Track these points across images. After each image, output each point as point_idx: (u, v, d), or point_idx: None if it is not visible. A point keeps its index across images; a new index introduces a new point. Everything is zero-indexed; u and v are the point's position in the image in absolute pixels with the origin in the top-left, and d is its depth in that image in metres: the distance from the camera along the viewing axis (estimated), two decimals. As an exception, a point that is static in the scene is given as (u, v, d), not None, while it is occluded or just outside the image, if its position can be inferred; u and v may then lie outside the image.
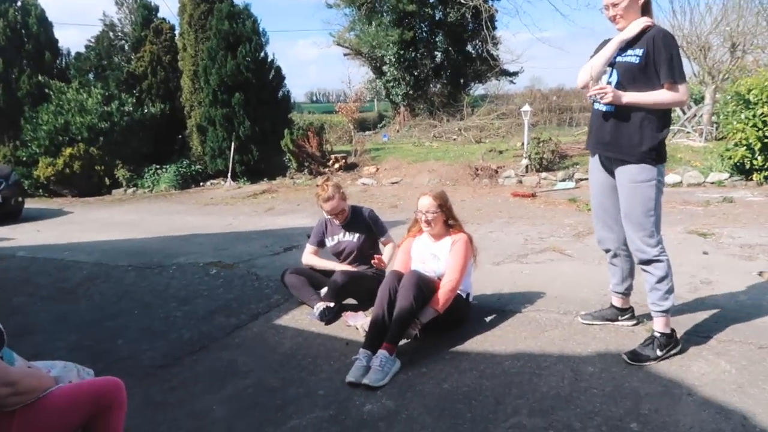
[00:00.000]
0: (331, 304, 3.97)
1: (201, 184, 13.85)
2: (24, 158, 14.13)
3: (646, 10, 2.99)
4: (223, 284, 5.01)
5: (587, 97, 3.18)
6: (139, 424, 2.70)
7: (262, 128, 13.47)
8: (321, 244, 4.41)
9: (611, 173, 3.15)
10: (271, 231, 7.50)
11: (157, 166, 14.00)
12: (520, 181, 10.65)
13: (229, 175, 13.33)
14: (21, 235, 8.27)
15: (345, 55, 23.71)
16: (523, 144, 12.12)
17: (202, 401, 2.97)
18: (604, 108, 3.02)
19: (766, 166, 9.00)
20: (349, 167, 13.34)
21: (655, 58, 2.86)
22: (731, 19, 13.82)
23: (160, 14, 16.92)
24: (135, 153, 14.13)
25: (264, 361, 3.41)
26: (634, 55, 2.91)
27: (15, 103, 14.78)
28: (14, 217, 10.05)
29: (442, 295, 3.40)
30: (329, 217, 4.31)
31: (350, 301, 4.23)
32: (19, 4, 15.84)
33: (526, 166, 11.03)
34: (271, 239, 6.87)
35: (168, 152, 14.82)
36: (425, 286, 3.35)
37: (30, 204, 11.39)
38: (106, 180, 13.92)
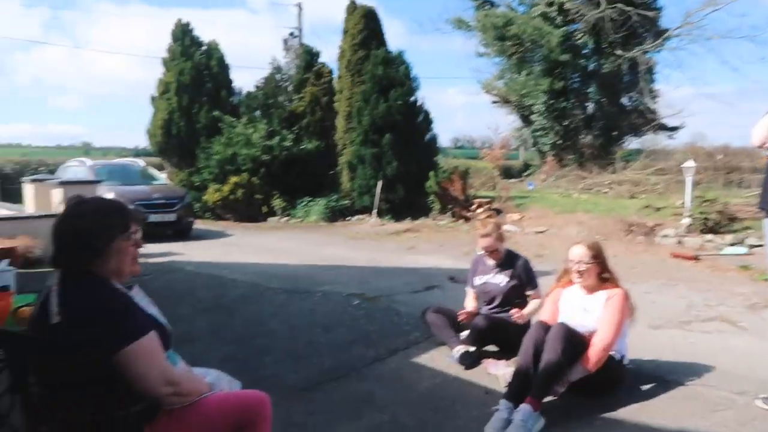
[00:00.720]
0: (472, 349, 3.86)
1: (347, 218, 14.43)
2: (197, 183, 15.75)
3: None
4: (364, 316, 5.10)
5: (763, 154, 2.92)
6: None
7: (408, 169, 13.80)
8: (473, 284, 4.31)
9: None
10: (413, 269, 7.57)
11: (309, 198, 14.87)
12: (680, 242, 9.75)
13: (375, 211, 13.76)
14: (189, 251, 9.16)
15: (493, 102, 23.80)
16: (683, 202, 11.16)
17: (339, 430, 3.00)
18: None
19: None
20: (494, 213, 13.14)
21: None
22: None
23: (321, 59, 18.19)
24: (290, 185, 15.15)
25: (400, 397, 3.38)
26: None
27: (194, 134, 16.68)
28: (184, 235, 11.21)
29: (595, 353, 3.15)
30: (483, 253, 4.22)
31: (491, 347, 4.08)
32: (204, 48, 17.99)
33: (688, 226, 10.09)
34: (413, 277, 6.93)
35: (319, 186, 15.70)
36: (574, 341, 3.13)
37: (198, 225, 12.62)
38: (264, 208, 15.04)
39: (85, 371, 1.74)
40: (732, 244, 9.27)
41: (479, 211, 13.03)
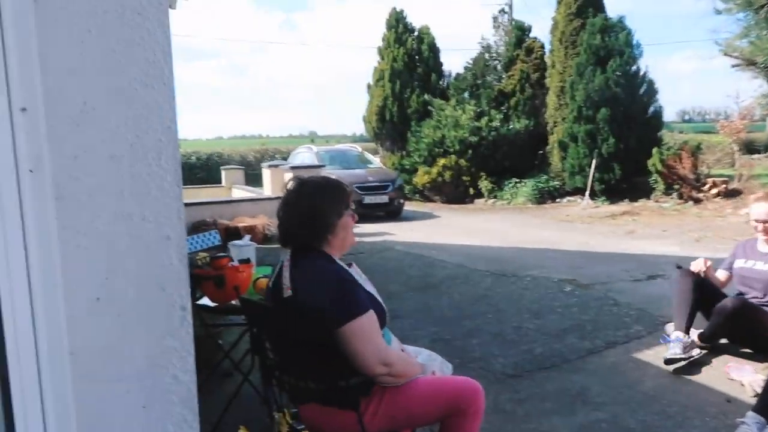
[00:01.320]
0: (687, 339, 3.32)
1: (557, 200, 13.77)
2: (407, 166, 16.35)
3: None
4: (577, 303, 4.78)
5: None
6: (486, 429, 2.70)
7: (626, 146, 12.64)
8: (731, 266, 3.66)
9: None
10: (632, 255, 6.90)
11: (517, 180, 14.50)
12: None
13: (588, 192, 12.90)
14: (399, 232, 9.56)
15: (733, 66, 20.50)
16: None
17: (550, 422, 2.83)
18: None
19: None
20: (730, 194, 11.43)
21: None
22: None
23: (533, 34, 17.43)
24: (498, 166, 14.92)
25: (620, 396, 3.07)
26: None
27: (405, 118, 17.32)
28: (395, 216, 11.74)
29: None
30: (754, 238, 3.56)
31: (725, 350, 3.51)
32: (415, 33, 18.47)
33: None
34: (632, 264, 6.31)
35: (528, 167, 15.21)
36: None
37: (408, 206, 13.11)
38: (471, 190, 15.06)
39: (311, 342, 1.85)
40: None
41: (713, 191, 11.44)
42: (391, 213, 11.86)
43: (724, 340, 3.59)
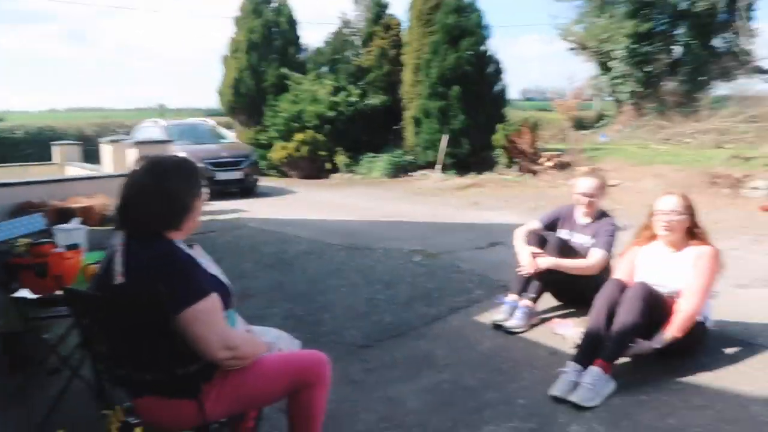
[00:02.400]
0: (520, 303, 3.62)
1: (410, 173, 14.24)
2: (263, 141, 15.93)
3: None
4: (425, 273, 4.99)
5: None
6: (336, 400, 2.71)
7: (475, 122, 13.37)
8: (551, 227, 3.91)
9: None
10: (476, 225, 7.36)
11: (373, 155, 14.76)
12: (772, 195, 8.99)
13: (438, 166, 13.50)
14: (254, 208, 9.32)
15: (569, 50, 22.51)
16: (778, 151, 10.24)
17: (398, 388, 2.93)
18: None
19: None
20: (562, 166, 12.58)
21: None
22: None
23: (391, 10, 17.74)
24: (355, 141, 15.07)
25: (462, 357, 3.27)
26: None
27: (261, 92, 16.80)
28: (250, 192, 11.44)
29: (683, 320, 2.88)
30: (576, 205, 3.83)
31: (556, 307, 3.88)
32: (274, 5, 17.89)
33: (782, 178, 9.26)
34: (476, 233, 6.73)
35: (383, 142, 15.55)
36: (655, 303, 2.89)
37: (263, 182, 12.80)
38: (327, 164, 15.08)
39: (146, 330, 1.74)
40: (833, 196, 8.45)
41: (547, 164, 12.53)
42: (245, 189, 11.53)
43: (554, 302, 3.96)
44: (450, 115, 13.44)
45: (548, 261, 3.59)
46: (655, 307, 2.88)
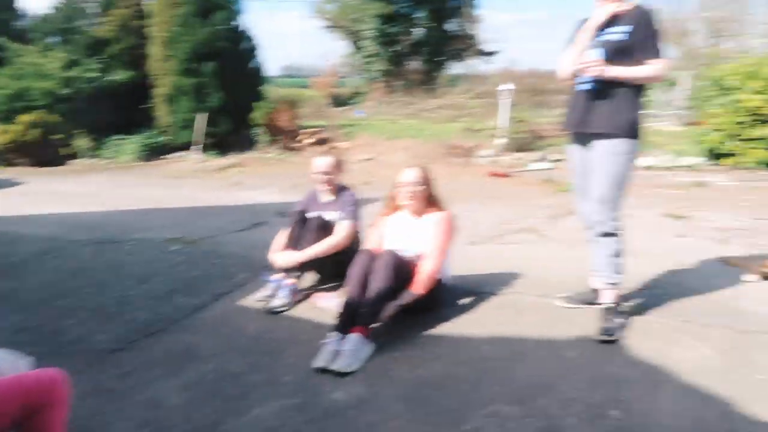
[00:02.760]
0: (284, 282, 3.71)
1: (166, 155, 13.36)
2: (-22, 126, 13.41)
3: None
4: (184, 261, 4.74)
5: (573, 78, 3.20)
6: (86, 415, 2.46)
7: (233, 100, 13.02)
8: (303, 218, 4.05)
9: (589, 149, 3.21)
10: (239, 206, 7.22)
11: (121, 136, 13.44)
12: (496, 161, 10.52)
13: (197, 147, 12.88)
14: (-30, 206, 7.81)
15: (324, 27, 23.17)
16: (499, 124, 11.97)
17: (158, 388, 2.74)
18: (589, 86, 3.08)
19: (739, 152, 9.03)
20: (322, 143, 13.02)
21: (641, 34, 2.96)
22: (712, 6, 13.85)
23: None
24: (99, 122, 13.52)
25: (227, 344, 3.19)
26: (621, 32, 2.99)
27: (-32, 65, 14.02)
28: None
29: (425, 279, 3.23)
30: (317, 188, 4.05)
31: (315, 279, 4.01)
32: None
33: (502, 146, 10.88)
34: (239, 215, 6.60)
35: (133, 122, 14.25)
36: (402, 267, 3.18)
37: (-18, 173, 10.82)
38: (65, 149, 13.31)
39: None
40: (539, 160, 10.20)
41: (306, 141, 12.84)
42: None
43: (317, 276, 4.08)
44: (206, 92, 12.88)
45: (300, 256, 3.72)
46: (402, 271, 3.17)
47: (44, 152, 12.98)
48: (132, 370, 2.94)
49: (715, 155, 9.42)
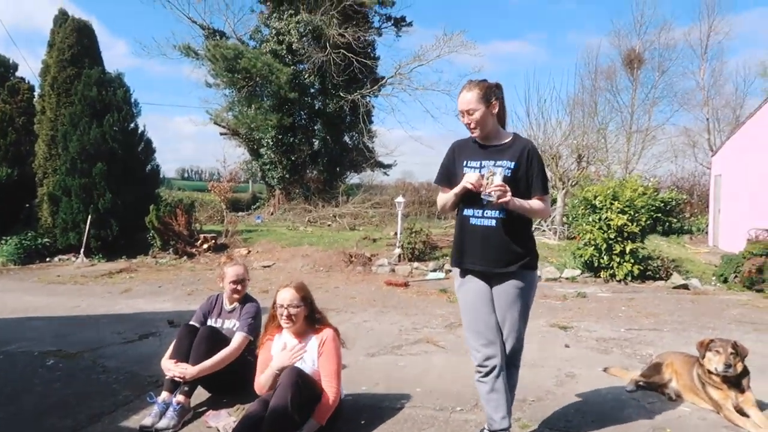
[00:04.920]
0: (174, 401, 3.50)
1: (48, 259, 12.42)
2: None
3: (501, 118, 3.01)
4: (61, 377, 4.33)
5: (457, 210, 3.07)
6: None
7: (124, 202, 12.56)
8: (203, 323, 3.98)
9: (489, 285, 2.99)
10: (126, 315, 6.78)
11: (-4, 237, 12.42)
12: (393, 270, 10.78)
13: (82, 250, 12.13)
14: None
15: (222, 134, 23.47)
16: (396, 233, 12.42)
17: None
18: (492, 222, 2.89)
19: (611, 265, 9.93)
20: (219, 248, 12.76)
21: (528, 170, 2.92)
22: (577, 134, 15.69)
23: (20, 73, 15.69)
24: (-30, 221, 12.49)
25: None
26: (506, 167, 2.88)
27: None
28: None
29: (327, 408, 3.16)
30: (225, 293, 4.00)
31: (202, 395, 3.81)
32: None
33: (399, 255, 11.23)
34: (126, 325, 6.19)
35: (11, 222, 13.27)
36: (306, 385, 3.09)
37: None
38: (-73, 250, 12.05)
39: None
40: (434, 270, 10.58)
41: (204, 246, 12.53)
42: None
43: (206, 393, 3.87)
44: (95, 193, 12.36)
45: (191, 371, 3.56)
46: (306, 390, 3.08)
47: None
48: None
49: (592, 268, 10.28)
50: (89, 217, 12.18)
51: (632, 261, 9.83)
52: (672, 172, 23.03)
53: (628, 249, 9.76)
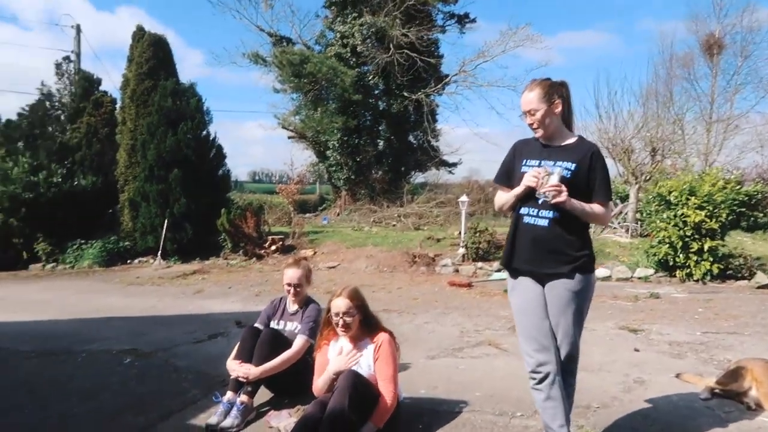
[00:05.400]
0: (238, 400, 3.61)
1: (129, 261, 13.18)
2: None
3: (566, 118, 2.94)
4: (136, 375, 4.58)
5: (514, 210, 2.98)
6: None
7: (198, 206, 13.13)
8: (267, 324, 4.10)
9: (542, 288, 2.89)
10: (198, 316, 7.07)
11: (82, 241, 13.27)
12: (457, 270, 10.68)
13: (159, 252, 12.77)
14: None
15: (289, 138, 24.05)
16: (460, 233, 12.30)
17: None
18: (545, 222, 2.80)
19: (687, 264, 9.42)
20: (286, 249, 13.08)
21: (590, 174, 2.83)
22: (650, 126, 14.95)
23: (103, 87, 16.74)
24: (60, 226, 13.37)
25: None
26: (565, 168, 2.80)
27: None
28: None
29: (385, 411, 3.17)
30: (287, 295, 4.09)
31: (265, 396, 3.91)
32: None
33: (463, 255, 11.12)
34: (196, 325, 6.46)
35: (96, 227, 14.14)
36: (363, 388, 3.12)
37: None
38: (24, 254, 13.04)
39: None
40: (498, 270, 10.40)
41: (272, 248, 12.87)
42: None
43: (269, 393, 3.98)
44: (171, 198, 12.99)
45: (255, 372, 3.67)
46: (365, 393, 3.11)
47: (3, 257, 12.68)
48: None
49: (667, 267, 9.79)
50: (166, 221, 12.80)
51: (711, 259, 9.29)
52: (757, 164, 21.42)
53: (706, 247, 9.23)
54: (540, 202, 2.81)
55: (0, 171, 13.30)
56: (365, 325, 3.39)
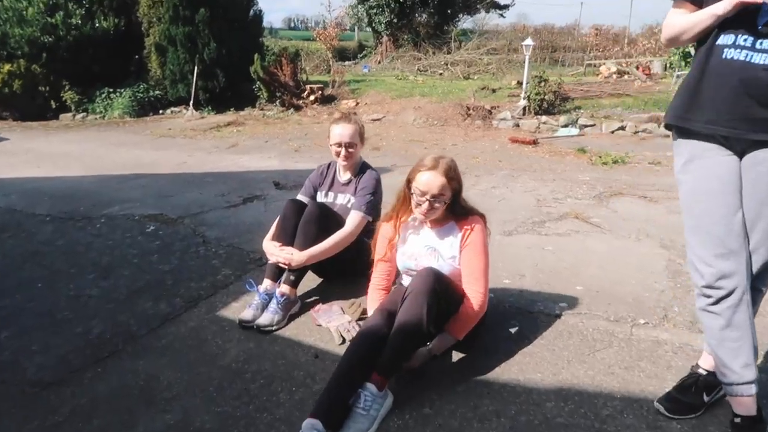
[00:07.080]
0: (278, 291, 2.88)
1: (161, 111, 12.40)
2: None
3: None
4: (159, 248, 3.90)
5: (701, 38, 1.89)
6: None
7: (229, 51, 11.96)
8: (313, 197, 3.24)
9: (738, 163, 1.90)
10: (231, 174, 6.32)
11: (110, 90, 12.44)
12: (518, 125, 9.54)
13: (191, 102, 11.90)
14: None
15: (327, -24, 21.79)
16: (520, 83, 10.94)
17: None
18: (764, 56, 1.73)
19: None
20: (326, 100, 12.02)
21: None
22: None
23: None
24: (84, 73, 12.49)
25: (197, 380, 2.37)
26: None
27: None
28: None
29: (468, 318, 2.36)
30: (336, 160, 3.15)
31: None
32: None
33: (524, 108, 9.88)
34: (230, 185, 5.72)
35: (123, 74, 13.21)
36: (444, 293, 2.26)
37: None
38: (52, 103, 12.35)
39: None
40: (565, 125, 9.23)
41: (311, 98, 11.83)
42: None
43: (316, 279, 3.25)
44: (200, 42, 11.80)
45: (299, 258, 2.87)
46: (446, 299, 2.28)
47: (30, 105, 12.04)
48: (65, 420, 2.14)
49: None
50: (196, 68, 11.75)
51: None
52: None
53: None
54: (760, 27, 1.72)
55: (14, 11, 12.17)
56: (452, 208, 2.45)
